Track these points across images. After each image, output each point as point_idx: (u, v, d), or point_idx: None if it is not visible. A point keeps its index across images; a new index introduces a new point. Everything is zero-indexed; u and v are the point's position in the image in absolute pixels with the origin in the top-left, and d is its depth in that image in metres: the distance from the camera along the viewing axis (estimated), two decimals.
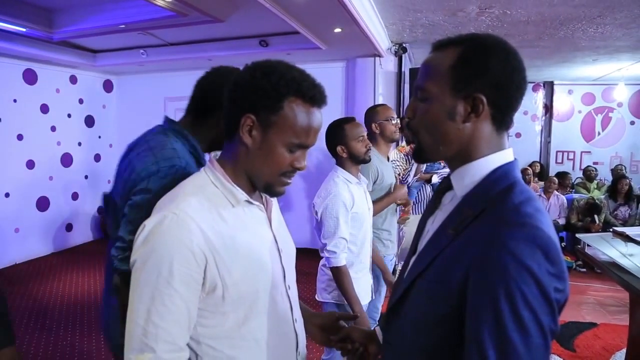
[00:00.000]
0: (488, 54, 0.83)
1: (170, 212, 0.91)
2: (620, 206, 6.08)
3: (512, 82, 0.84)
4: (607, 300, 4.55)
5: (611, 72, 7.18)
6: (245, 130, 0.96)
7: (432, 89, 0.87)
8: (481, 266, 0.75)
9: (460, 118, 0.85)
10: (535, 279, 0.71)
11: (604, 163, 8.48)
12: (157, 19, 4.01)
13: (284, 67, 0.97)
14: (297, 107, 0.96)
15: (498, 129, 0.87)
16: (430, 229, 0.95)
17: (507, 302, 0.71)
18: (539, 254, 0.72)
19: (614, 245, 2.49)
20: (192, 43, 5.38)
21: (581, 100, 8.57)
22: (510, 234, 0.73)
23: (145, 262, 0.89)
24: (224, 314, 0.96)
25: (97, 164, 6.90)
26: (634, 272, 1.93)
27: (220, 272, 0.93)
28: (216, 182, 1.00)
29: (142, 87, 6.96)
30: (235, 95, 0.98)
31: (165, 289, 0.88)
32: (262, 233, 1.06)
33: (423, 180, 3.76)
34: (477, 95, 0.83)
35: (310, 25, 4.10)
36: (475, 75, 0.83)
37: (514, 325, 0.70)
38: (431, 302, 0.83)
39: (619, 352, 3.39)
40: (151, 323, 0.87)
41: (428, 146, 0.91)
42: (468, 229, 0.81)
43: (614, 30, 4.66)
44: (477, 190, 0.86)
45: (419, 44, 5.38)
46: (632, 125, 8.47)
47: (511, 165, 0.87)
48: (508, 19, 4.26)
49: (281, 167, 0.99)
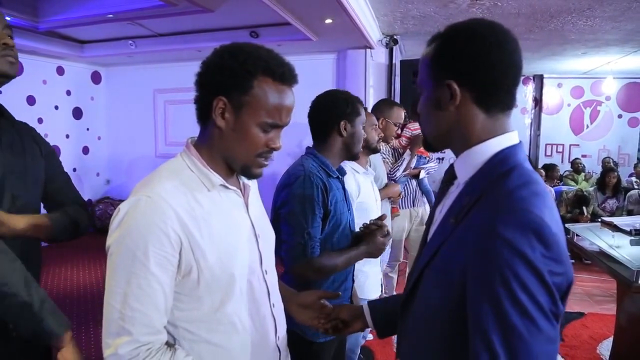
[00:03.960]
0: (457, 41, 0.86)
1: (144, 195, 0.91)
2: (608, 198, 6.15)
3: (487, 62, 0.83)
4: (594, 290, 4.61)
5: (600, 65, 7.25)
6: (217, 113, 0.96)
7: (422, 82, 0.93)
8: (477, 255, 0.76)
9: (445, 105, 0.87)
10: (530, 263, 0.71)
11: (592, 156, 8.59)
12: (146, 8, 3.97)
13: (251, 47, 0.97)
14: (267, 86, 0.95)
15: (488, 110, 0.86)
16: (437, 218, 0.96)
17: (505, 289, 0.71)
18: (532, 238, 0.72)
19: (601, 237, 2.52)
20: (181, 34, 5.33)
21: (570, 94, 8.65)
22: (502, 220, 0.73)
23: (120, 246, 0.89)
24: (200, 298, 0.96)
25: (85, 156, 6.83)
26: (623, 261, 1.95)
27: (195, 255, 0.93)
28: (192, 166, 1.00)
29: (130, 79, 6.88)
30: (205, 78, 0.98)
31: (140, 272, 0.88)
32: (238, 218, 1.05)
33: (411, 175, 3.79)
34: (447, 81, 0.86)
35: (301, 15, 4.08)
36: (446, 62, 0.86)
37: (514, 310, 0.71)
38: (438, 291, 0.84)
39: (606, 341, 3.45)
40: (128, 306, 0.88)
41: (429, 135, 0.95)
42: (467, 217, 0.82)
43: (603, 23, 4.69)
44: (477, 177, 0.86)
45: (410, 35, 5.37)
46: (619, 118, 8.58)
47: (513, 149, 0.86)
48: (499, 10, 4.27)
49: (256, 147, 0.99)
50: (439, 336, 0.86)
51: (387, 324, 1.18)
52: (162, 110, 6.84)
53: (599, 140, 8.67)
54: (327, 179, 1.62)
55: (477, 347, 0.74)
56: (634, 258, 2.04)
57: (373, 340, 3.43)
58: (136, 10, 4.02)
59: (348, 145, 1.72)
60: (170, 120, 6.82)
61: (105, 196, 6.98)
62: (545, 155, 8.76)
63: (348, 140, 1.72)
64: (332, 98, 1.73)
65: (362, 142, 1.77)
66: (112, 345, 0.87)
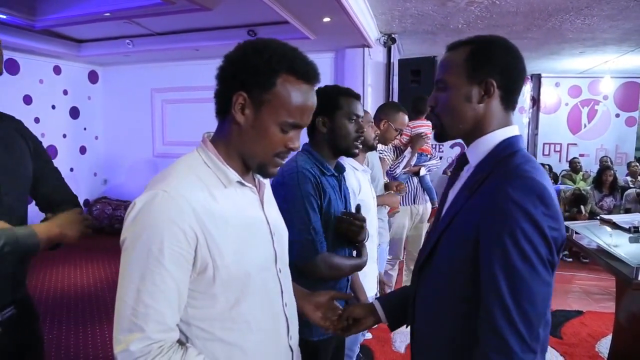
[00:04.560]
0: (494, 47, 1.06)
1: (161, 190, 0.89)
2: (605, 197, 6.16)
3: (514, 68, 1.06)
4: (592, 288, 4.62)
5: (597, 64, 7.26)
6: (237, 109, 0.94)
7: (451, 79, 1.07)
8: (489, 212, 0.94)
9: (476, 100, 1.05)
10: (532, 218, 0.89)
11: (589, 155, 8.60)
12: (144, 7, 3.95)
13: (276, 44, 0.96)
14: (290, 85, 0.94)
15: (506, 108, 1.08)
16: (450, 197, 1.13)
17: (511, 239, 0.89)
18: (535, 198, 0.90)
19: (599, 236, 2.52)
20: (179, 33, 5.31)
21: (568, 93, 8.66)
22: (510, 185, 0.92)
23: (136, 241, 0.87)
24: (215, 296, 0.95)
25: (82, 156, 6.80)
26: (622, 259, 1.95)
27: (211, 252, 0.91)
28: (208, 162, 0.99)
29: (128, 78, 6.86)
30: (226, 73, 0.96)
31: (155, 268, 0.86)
32: (254, 215, 1.04)
33: (411, 173, 3.80)
34: (489, 79, 1.04)
35: (299, 14, 4.07)
36: (485, 64, 1.04)
37: (518, 256, 0.89)
38: (455, 249, 1.02)
39: (604, 339, 3.45)
40: (141, 303, 0.86)
41: (449, 126, 1.10)
42: (480, 188, 1.00)
43: (601, 22, 4.70)
44: (487, 158, 1.05)
45: (408, 34, 5.37)
46: (617, 117, 8.59)
47: (516, 138, 1.06)
48: (497, 9, 4.26)
49: (275, 147, 0.97)
50: (455, 289, 1.03)
51: (398, 316, 1.29)
52: (160, 109, 6.82)
53: (596, 140, 8.68)
54: (320, 176, 1.58)
55: (487, 287, 0.92)
56: (633, 255, 2.04)
57: (372, 339, 3.42)
58: (133, 8, 4.00)
59: (331, 140, 1.65)
60: (167, 119, 6.80)
61: (102, 196, 6.95)
62: (543, 155, 8.77)
63: (330, 136, 1.65)
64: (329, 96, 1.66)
65: (350, 136, 1.66)
66: (124, 342, 0.86)
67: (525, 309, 0.89)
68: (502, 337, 0.90)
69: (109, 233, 6.39)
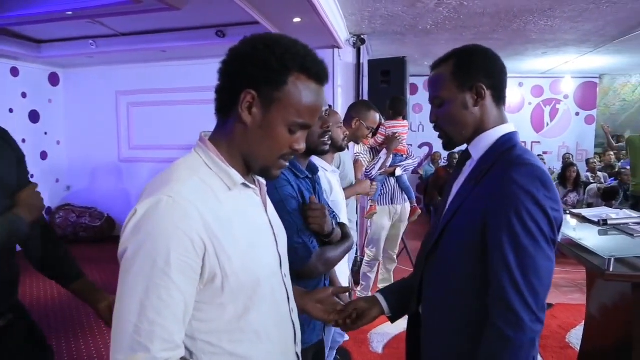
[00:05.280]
0: (473, 55, 1.17)
1: (165, 196, 0.82)
2: (569, 192, 6.36)
3: (495, 67, 1.17)
4: (561, 281, 4.75)
5: (558, 65, 7.51)
6: (244, 107, 0.89)
7: (444, 94, 1.17)
8: (496, 197, 1.04)
9: (471, 104, 1.15)
10: (536, 200, 1.00)
11: (552, 152, 8.90)
12: (108, 6, 3.81)
13: (288, 41, 0.91)
14: (301, 84, 0.90)
15: (497, 104, 1.18)
16: (454, 189, 1.22)
17: (517, 218, 1.00)
18: (538, 183, 1.01)
19: (567, 229, 2.57)
20: (145, 33, 5.16)
21: (531, 93, 8.93)
22: (515, 171, 1.03)
23: (138, 251, 0.80)
24: (222, 306, 0.89)
25: (44, 162, 6.54)
26: (595, 251, 2.00)
27: (220, 260, 0.85)
28: (210, 163, 0.92)
29: (91, 80, 6.63)
30: (234, 68, 0.90)
31: (161, 281, 0.79)
32: (258, 218, 1.00)
33: (387, 173, 3.82)
34: (477, 83, 1.14)
35: (270, 14, 4.02)
36: (470, 71, 1.15)
37: (524, 233, 1.00)
38: (464, 235, 1.10)
39: (574, 330, 3.55)
40: (145, 319, 0.78)
41: (454, 135, 1.20)
42: (484, 178, 1.11)
43: (562, 23, 4.86)
44: (489, 151, 1.15)
45: (377, 35, 5.41)
46: (577, 116, 8.92)
47: (513, 134, 1.17)
48: (465, 10, 4.34)
49: (281, 148, 0.93)
50: (463, 272, 1.12)
51: (401, 307, 1.35)
52: (125, 112, 6.62)
53: (558, 138, 8.98)
54: (295, 181, 1.53)
55: (496, 264, 1.02)
56: (604, 247, 2.09)
57: (349, 340, 3.41)
58: (97, 7, 3.85)
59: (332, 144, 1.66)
60: (133, 123, 6.61)
61: (65, 203, 6.69)
62: None
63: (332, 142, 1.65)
64: None
65: (314, 134, 1.64)
66: None
67: (532, 282, 0.99)
68: (512, 309, 0.98)
69: (73, 241, 6.16)
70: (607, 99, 8.90)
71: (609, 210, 2.80)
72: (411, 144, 9.23)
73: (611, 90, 8.86)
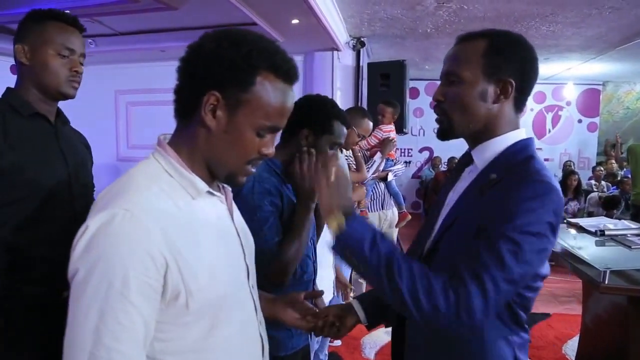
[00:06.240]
0: (516, 45, 1.00)
1: (120, 209, 0.74)
2: (570, 201, 6.30)
3: (532, 70, 1.02)
4: (559, 291, 4.70)
5: (561, 71, 7.47)
6: (208, 110, 0.81)
7: (464, 73, 1.00)
8: (501, 212, 0.91)
9: (491, 99, 1.00)
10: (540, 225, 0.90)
11: (554, 160, 8.84)
12: (106, 4, 3.79)
13: (254, 36, 0.84)
14: (270, 84, 0.82)
15: (517, 110, 1.04)
16: (452, 197, 1.10)
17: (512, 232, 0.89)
18: (551, 211, 0.91)
19: (564, 238, 2.53)
20: (144, 33, 5.14)
21: (533, 99, 8.87)
22: (526, 186, 0.92)
23: (91, 273, 0.72)
24: (186, 325, 0.81)
25: None
26: (590, 262, 1.95)
27: (183, 277, 0.78)
28: (170, 170, 0.84)
29: (90, 79, 6.48)
30: (196, 68, 0.82)
31: (118, 304, 0.72)
32: (224, 228, 0.93)
33: (378, 178, 3.78)
34: (508, 79, 0.98)
35: (268, 15, 4.00)
36: (506, 62, 0.98)
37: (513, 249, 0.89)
38: (461, 247, 0.96)
39: (571, 341, 3.50)
40: (102, 346, 0.71)
41: (459, 124, 1.04)
42: (492, 190, 0.97)
43: (565, 29, 4.81)
44: (500, 159, 1.01)
45: (377, 38, 5.38)
46: (579, 123, 8.87)
47: (529, 141, 1.04)
48: (465, 14, 4.31)
49: (249, 153, 0.85)
50: None
51: (377, 314, 1.24)
52: (124, 112, 6.61)
53: (560, 145, 8.93)
54: (280, 185, 1.43)
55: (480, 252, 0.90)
56: (600, 258, 2.05)
57: (341, 346, 3.36)
58: (95, 6, 3.83)
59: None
60: (132, 122, 6.59)
61: None
62: None
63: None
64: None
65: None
66: None
67: (488, 289, 0.89)
68: (462, 292, 0.88)
69: None
70: (611, 106, 8.84)
71: (607, 220, 2.76)
72: (411, 147, 9.24)
73: (615, 98, 8.81)
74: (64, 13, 1.48)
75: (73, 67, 1.44)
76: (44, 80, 1.41)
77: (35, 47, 1.40)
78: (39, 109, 1.44)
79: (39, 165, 1.39)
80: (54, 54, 1.40)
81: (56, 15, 1.45)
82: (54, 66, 1.40)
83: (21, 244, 1.34)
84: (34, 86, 1.42)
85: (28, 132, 1.40)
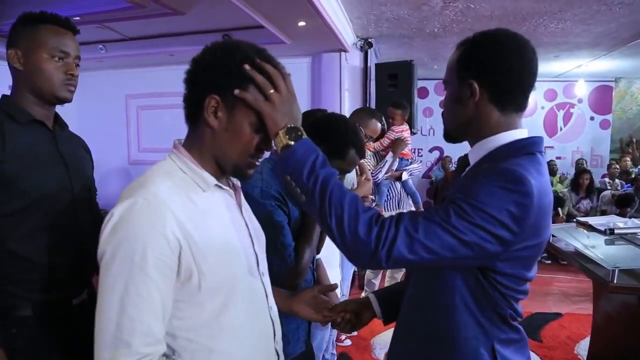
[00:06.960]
0: (481, 46, 1.03)
1: (140, 198, 0.87)
2: (582, 199, 6.24)
3: (503, 66, 1.00)
4: (571, 290, 4.65)
5: (571, 68, 7.38)
6: (210, 112, 0.94)
7: (447, 80, 1.10)
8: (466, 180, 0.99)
9: (465, 101, 1.04)
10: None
11: (566, 158, 8.72)
12: (114, 10, 3.84)
13: (246, 46, 0.97)
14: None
15: (503, 109, 1.03)
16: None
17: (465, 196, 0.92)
18: (511, 183, 0.92)
19: (576, 237, 2.51)
20: (152, 37, 5.19)
21: (544, 97, 8.78)
22: (492, 170, 0.95)
23: (116, 252, 0.84)
24: (201, 304, 0.92)
25: None
26: (598, 261, 1.93)
27: (195, 258, 0.89)
28: (184, 167, 0.97)
29: (101, 84, 6.67)
30: (198, 76, 0.96)
31: (139, 278, 0.83)
32: (233, 219, 1.04)
33: (393, 178, 3.79)
34: (469, 81, 1.02)
35: (274, 18, 4.02)
36: (469, 64, 1.03)
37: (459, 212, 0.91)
38: None
39: (583, 341, 3.46)
40: (126, 315, 0.82)
41: (447, 125, 1.13)
42: (467, 172, 1.05)
43: (574, 26, 4.76)
44: (486, 157, 1.04)
45: (384, 38, 5.36)
46: (591, 120, 8.74)
47: (529, 140, 1.03)
48: (472, 13, 4.28)
49: (249, 147, 0.97)
50: (443, 281, 1.03)
51: (393, 310, 1.27)
52: (135, 116, 6.68)
53: (572, 142, 8.81)
54: (284, 190, 1.43)
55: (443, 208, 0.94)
56: (610, 257, 2.02)
57: (351, 346, 3.37)
58: (103, 12, 3.89)
59: None
60: (143, 126, 6.66)
61: None
62: None
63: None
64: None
65: None
66: (109, 359, 0.82)
67: (424, 243, 0.90)
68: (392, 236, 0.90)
69: None
70: (624, 103, 8.70)
71: (617, 219, 2.72)
72: (421, 147, 9.20)
73: (628, 94, 8.66)
74: (57, 15, 1.42)
75: (68, 71, 1.40)
76: (38, 85, 1.38)
77: (28, 52, 1.36)
78: (36, 115, 1.40)
79: (40, 172, 1.37)
80: (47, 57, 1.37)
81: (48, 18, 1.40)
82: (48, 70, 1.37)
83: (27, 253, 1.33)
84: (29, 91, 1.39)
85: (26, 139, 1.37)
